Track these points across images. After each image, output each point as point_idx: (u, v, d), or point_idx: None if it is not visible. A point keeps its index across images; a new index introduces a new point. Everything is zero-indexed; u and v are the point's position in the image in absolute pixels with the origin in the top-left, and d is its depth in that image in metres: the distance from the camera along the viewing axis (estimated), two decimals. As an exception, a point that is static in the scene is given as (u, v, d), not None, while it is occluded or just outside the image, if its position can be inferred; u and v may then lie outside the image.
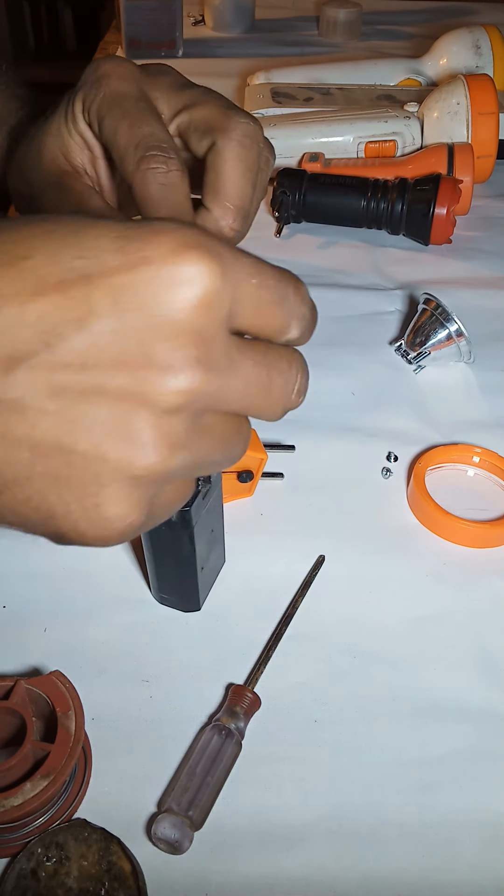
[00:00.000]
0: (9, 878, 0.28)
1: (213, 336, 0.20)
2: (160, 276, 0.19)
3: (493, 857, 0.30)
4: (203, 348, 0.20)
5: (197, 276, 0.19)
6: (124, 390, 0.19)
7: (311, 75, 0.86)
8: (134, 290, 0.19)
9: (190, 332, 0.20)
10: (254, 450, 0.42)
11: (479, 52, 0.81)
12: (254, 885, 0.29)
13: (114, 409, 0.20)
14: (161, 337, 0.19)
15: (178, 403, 0.20)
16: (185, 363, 0.20)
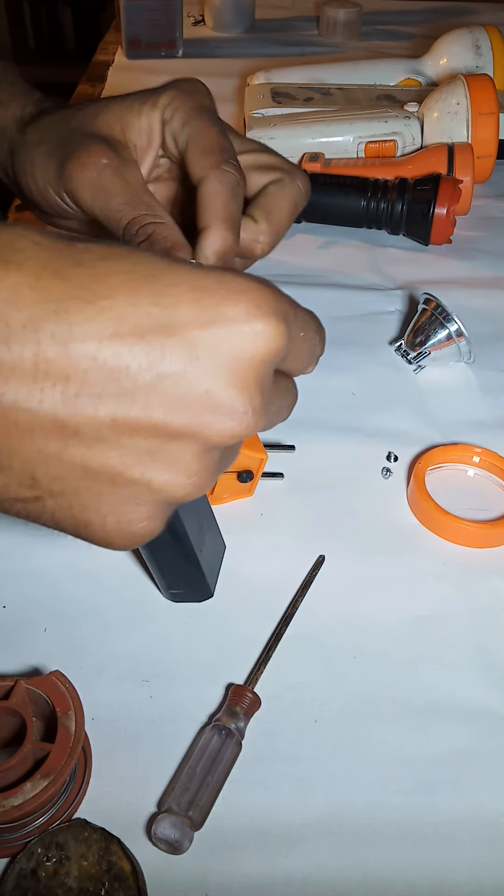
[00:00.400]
0: (9, 878, 0.28)
1: (268, 383, 0.22)
2: (235, 334, 0.21)
3: (492, 857, 0.30)
4: (259, 397, 0.22)
5: (268, 337, 0.21)
6: (182, 430, 0.21)
7: (311, 75, 0.86)
8: (209, 344, 0.21)
9: (253, 383, 0.21)
10: (253, 450, 0.42)
11: (479, 52, 0.81)
12: (254, 885, 0.29)
13: (168, 444, 0.22)
14: (226, 386, 0.21)
15: (228, 443, 0.22)
16: (244, 411, 0.22)
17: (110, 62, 0.98)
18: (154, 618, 0.37)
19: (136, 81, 0.77)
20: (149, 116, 0.37)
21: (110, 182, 0.35)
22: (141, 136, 0.38)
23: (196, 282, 0.21)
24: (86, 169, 0.36)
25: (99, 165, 0.35)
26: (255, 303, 0.21)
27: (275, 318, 0.21)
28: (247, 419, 0.22)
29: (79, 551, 0.40)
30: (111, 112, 0.38)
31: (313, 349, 0.25)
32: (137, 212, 0.34)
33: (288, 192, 0.38)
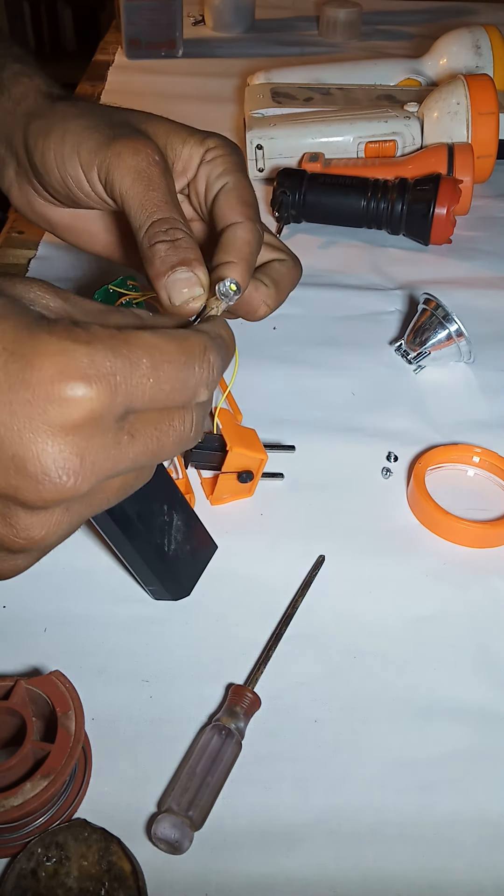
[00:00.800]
0: (9, 878, 0.28)
1: (96, 440, 0.23)
2: (34, 401, 0.22)
3: (492, 857, 0.30)
4: (76, 459, 0.23)
5: (73, 404, 0.22)
6: (0, 491, 0.23)
7: (311, 75, 0.86)
8: (10, 408, 0.22)
9: (69, 445, 0.22)
10: (254, 450, 0.42)
11: (479, 52, 0.81)
12: (254, 885, 0.29)
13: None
14: (34, 452, 0.22)
15: (49, 505, 0.23)
16: (57, 475, 0.23)
17: (110, 62, 0.98)
18: (154, 618, 0.37)
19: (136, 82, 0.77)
20: (192, 148, 0.39)
21: (158, 177, 0.35)
22: (178, 162, 0.39)
23: (9, 343, 0.22)
24: (138, 154, 0.35)
25: (150, 158, 0.35)
26: (60, 368, 0.22)
27: (82, 383, 0.22)
28: (61, 482, 0.23)
29: (79, 552, 0.40)
30: (159, 126, 0.39)
31: (188, 384, 0.25)
32: (174, 214, 0.35)
33: (293, 271, 0.41)
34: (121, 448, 0.24)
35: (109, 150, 0.36)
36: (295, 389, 0.50)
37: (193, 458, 0.43)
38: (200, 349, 0.26)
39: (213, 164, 0.39)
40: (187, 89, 0.90)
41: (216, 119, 0.80)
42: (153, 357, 0.24)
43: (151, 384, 0.24)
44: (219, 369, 0.27)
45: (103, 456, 0.24)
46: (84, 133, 0.37)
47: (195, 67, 0.97)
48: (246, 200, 0.37)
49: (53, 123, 0.39)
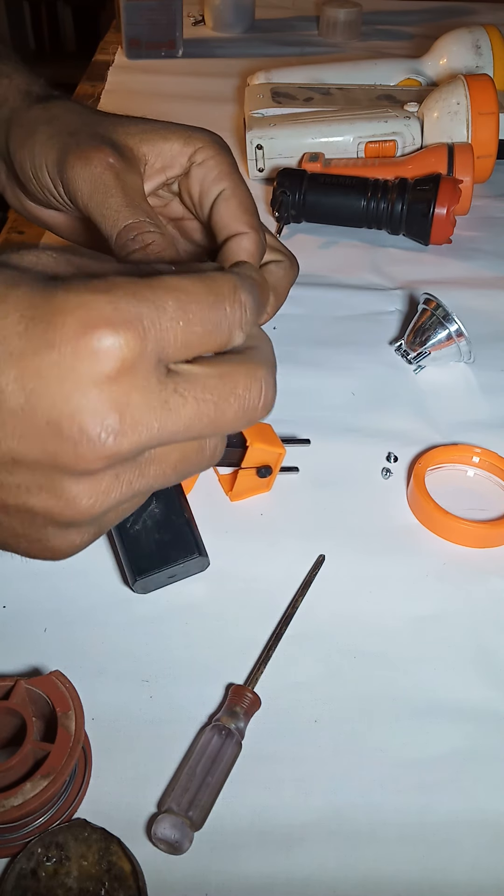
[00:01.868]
0: (9, 878, 0.28)
1: (134, 394, 0.21)
2: (63, 360, 0.20)
3: (493, 858, 0.30)
4: (117, 415, 0.21)
5: (103, 354, 0.20)
6: (40, 461, 0.21)
7: (311, 75, 0.86)
8: (39, 374, 0.20)
9: (103, 403, 0.21)
10: (272, 444, 0.42)
11: (479, 52, 0.81)
12: (254, 886, 0.29)
13: (35, 474, 0.22)
14: (68, 414, 0.21)
15: (93, 468, 0.22)
16: (95, 436, 0.21)
17: (110, 62, 0.98)
18: (154, 618, 0.37)
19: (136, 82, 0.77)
20: (174, 146, 0.38)
21: (112, 181, 0.35)
22: (158, 158, 0.38)
23: (26, 309, 0.21)
24: (89, 164, 0.35)
25: (104, 163, 0.35)
26: (83, 320, 0.20)
27: (110, 330, 0.20)
28: (100, 440, 0.21)
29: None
30: (134, 126, 0.38)
31: (221, 323, 0.23)
32: (137, 217, 0.34)
33: (290, 273, 0.41)
34: (168, 408, 0.22)
35: (65, 163, 0.36)
36: (295, 389, 0.50)
37: None
38: (230, 288, 0.24)
39: (205, 168, 0.38)
40: (187, 89, 0.90)
41: (216, 119, 0.80)
42: (179, 298, 0.22)
43: (182, 327, 0.22)
44: (252, 310, 0.24)
45: (147, 413, 0.22)
46: (48, 143, 0.37)
47: (195, 67, 0.97)
48: (247, 208, 0.37)
49: (27, 133, 0.39)
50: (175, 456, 0.24)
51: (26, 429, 0.21)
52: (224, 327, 0.23)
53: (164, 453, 0.24)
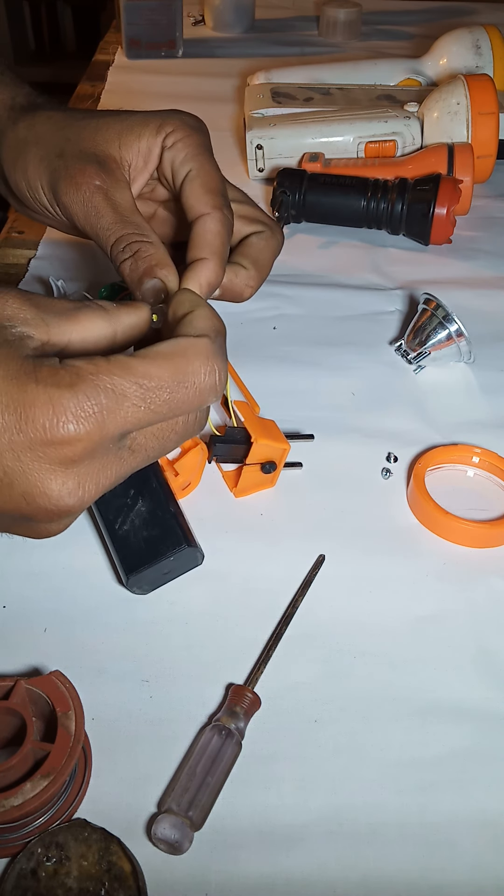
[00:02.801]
0: (9, 878, 0.28)
1: (94, 466, 0.26)
2: (32, 446, 0.25)
3: (493, 857, 0.30)
4: (80, 487, 0.26)
5: (69, 441, 0.25)
6: (17, 517, 0.27)
7: (311, 75, 0.86)
8: (13, 454, 0.25)
9: (67, 481, 0.26)
10: (276, 440, 0.42)
11: (479, 52, 0.81)
12: (254, 886, 0.29)
13: (14, 521, 0.27)
14: (40, 490, 0.26)
15: (59, 521, 0.28)
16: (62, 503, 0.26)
17: (110, 62, 0.98)
18: (154, 618, 0.37)
19: (137, 81, 0.77)
20: (149, 140, 0.39)
21: (101, 203, 0.37)
22: (138, 157, 0.39)
23: (2, 395, 0.25)
24: (79, 189, 0.37)
25: (91, 187, 0.37)
26: (49, 416, 0.25)
27: (71, 424, 0.25)
28: (66, 505, 0.26)
29: (78, 552, 0.40)
30: (111, 130, 0.39)
31: (186, 401, 0.27)
32: (125, 231, 0.36)
33: (271, 244, 0.41)
34: (122, 463, 0.27)
35: (58, 191, 0.38)
36: (294, 389, 0.50)
37: (217, 453, 0.43)
38: (201, 362, 0.27)
39: (174, 150, 0.38)
40: (187, 89, 0.90)
41: (216, 119, 0.80)
42: (142, 385, 0.26)
43: (143, 410, 0.26)
44: (223, 370, 0.28)
45: (104, 475, 0.27)
46: (40, 166, 0.39)
47: (195, 67, 0.97)
48: (210, 187, 0.37)
49: (17, 154, 0.40)
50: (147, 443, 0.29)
51: (4, 496, 0.26)
52: (193, 400, 0.27)
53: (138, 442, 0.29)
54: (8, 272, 0.61)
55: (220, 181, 0.38)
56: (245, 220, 0.42)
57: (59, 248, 0.64)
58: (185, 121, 0.39)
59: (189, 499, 0.43)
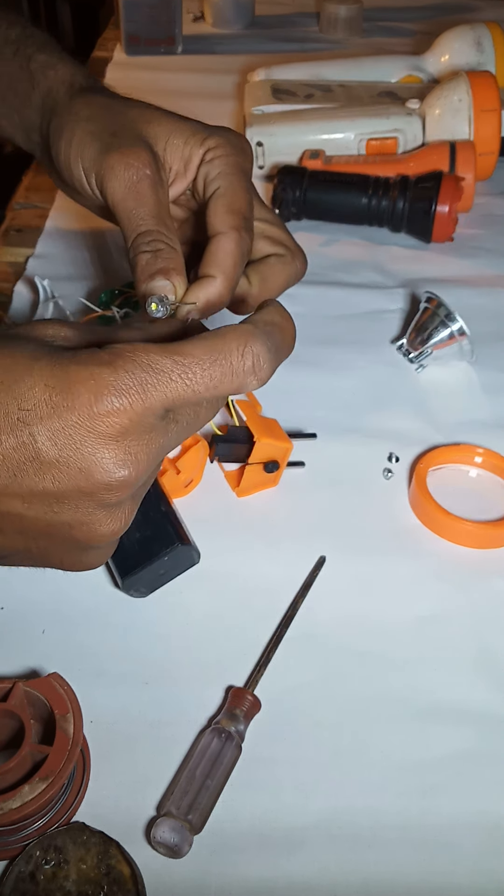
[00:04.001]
0: (7, 882, 0.28)
1: (144, 439, 0.27)
2: (82, 422, 0.26)
3: (494, 861, 0.30)
4: (134, 456, 0.27)
5: (113, 416, 0.26)
6: (78, 499, 0.27)
7: (311, 72, 0.86)
8: (65, 433, 0.26)
9: (119, 452, 0.27)
10: (279, 439, 0.42)
11: (481, 48, 0.80)
12: (254, 889, 0.29)
13: (75, 509, 0.27)
14: (96, 462, 0.26)
15: (123, 497, 0.27)
16: (116, 472, 0.27)
17: (109, 59, 0.98)
18: (154, 619, 0.37)
19: (135, 78, 0.77)
20: (192, 148, 0.39)
21: (147, 191, 0.37)
22: (179, 163, 0.39)
23: (48, 380, 0.26)
24: (129, 168, 0.37)
25: (141, 171, 0.37)
26: (93, 390, 0.26)
27: (113, 397, 0.26)
28: (123, 476, 0.27)
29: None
30: (162, 127, 0.39)
31: (228, 378, 0.28)
32: (157, 227, 0.36)
33: (287, 268, 0.41)
34: (168, 435, 0.28)
35: (104, 162, 0.37)
36: (295, 389, 0.50)
37: (219, 452, 0.43)
38: (238, 344, 0.28)
39: (210, 166, 0.39)
40: (187, 86, 0.90)
41: (216, 116, 0.79)
42: (177, 361, 0.27)
43: (183, 386, 0.27)
44: (266, 357, 0.28)
45: (153, 446, 0.27)
46: (87, 139, 0.38)
47: (195, 64, 0.97)
48: (234, 208, 0.37)
49: (65, 125, 0.40)
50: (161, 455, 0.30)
51: (63, 475, 0.27)
52: (230, 378, 0.28)
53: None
54: (6, 270, 0.61)
55: (246, 204, 0.38)
56: (270, 241, 0.42)
57: (58, 246, 0.63)
58: (230, 139, 0.39)
59: (189, 499, 0.43)
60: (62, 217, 0.67)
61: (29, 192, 0.72)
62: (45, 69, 0.44)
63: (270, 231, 0.42)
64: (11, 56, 0.45)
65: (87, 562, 0.30)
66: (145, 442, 0.27)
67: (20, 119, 0.46)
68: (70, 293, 0.56)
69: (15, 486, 0.27)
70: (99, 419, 0.26)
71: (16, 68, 0.45)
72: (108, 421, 0.26)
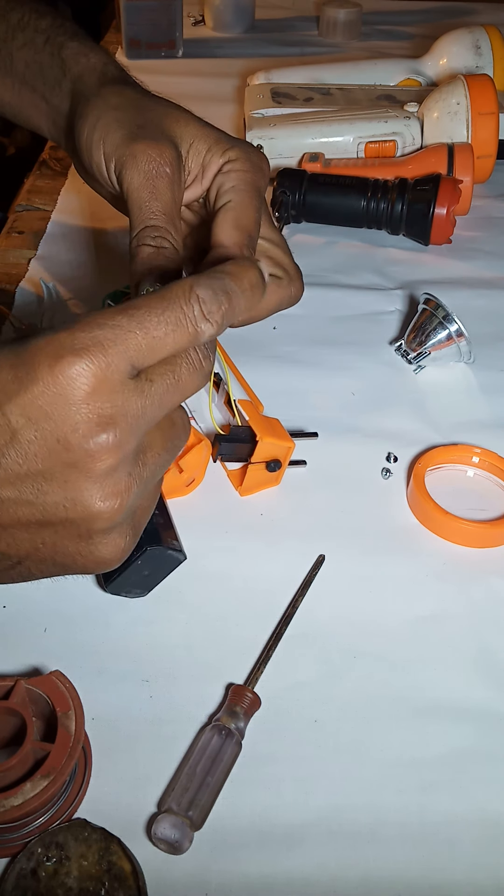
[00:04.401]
0: (9, 878, 0.28)
1: (116, 397, 0.26)
2: (48, 389, 0.25)
3: (493, 857, 0.30)
4: (110, 418, 0.26)
5: (75, 376, 0.25)
6: (64, 474, 0.26)
7: (311, 75, 0.86)
8: (35, 404, 0.25)
9: (95, 411, 0.25)
10: (281, 438, 0.42)
11: (479, 52, 0.81)
12: (254, 885, 0.29)
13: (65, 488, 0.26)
14: (71, 428, 0.25)
15: (110, 465, 0.26)
16: (99, 437, 0.26)
17: (110, 62, 0.98)
18: (154, 618, 0.37)
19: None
20: (213, 157, 0.39)
21: (164, 187, 0.37)
22: (198, 168, 0.39)
23: (12, 359, 0.26)
24: (150, 161, 0.37)
25: (162, 167, 0.37)
26: (53, 354, 0.25)
27: (75, 356, 0.25)
28: (101, 437, 0.26)
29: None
30: (188, 129, 0.39)
31: (182, 326, 0.27)
32: (167, 225, 0.36)
33: (281, 291, 0.41)
34: (144, 393, 0.27)
35: (128, 148, 0.37)
36: (295, 389, 0.50)
37: (222, 452, 0.43)
38: (183, 290, 0.27)
39: (226, 177, 0.39)
40: (187, 89, 0.90)
41: (216, 119, 0.80)
42: (130, 314, 0.26)
43: (141, 335, 0.26)
44: (213, 300, 0.27)
45: (131, 407, 0.26)
46: (113, 125, 0.38)
47: (195, 67, 0.97)
48: (241, 224, 0.37)
49: (92, 109, 0.40)
50: (159, 438, 0.29)
51: (43, 450, 0.26)
52: (185, 324, 0.27)
53: (151, 438, 0.28)
54: (9, 272, 0.61)
55: (253, 223, 0.38)
56: (271, 261, 0.42)
57: (60, 248, 0.64)
58: (250, 156, 0.39)
59: (190, 499, 0.43)
60: (64, 219, 0.67)
61: (31, 194, 0.72)
62: (77, 56, 0.44)
63: (273, 251, 0.42)
64: (42, 45, 0.46)
65: (101, 554, 0.28)
66: (120, 403, 0.26)
67: (48, 107, 0.46)
68: (71, 294, 0.56)
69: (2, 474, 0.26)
70: (64, 383, 0.25)
71: (46, 56, 0.45)
72: (74, 384, 0.25)
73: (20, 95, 0.48)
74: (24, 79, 0.47)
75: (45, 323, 0.53)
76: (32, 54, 0.46)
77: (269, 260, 0.42)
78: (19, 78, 0.47)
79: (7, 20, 0.48)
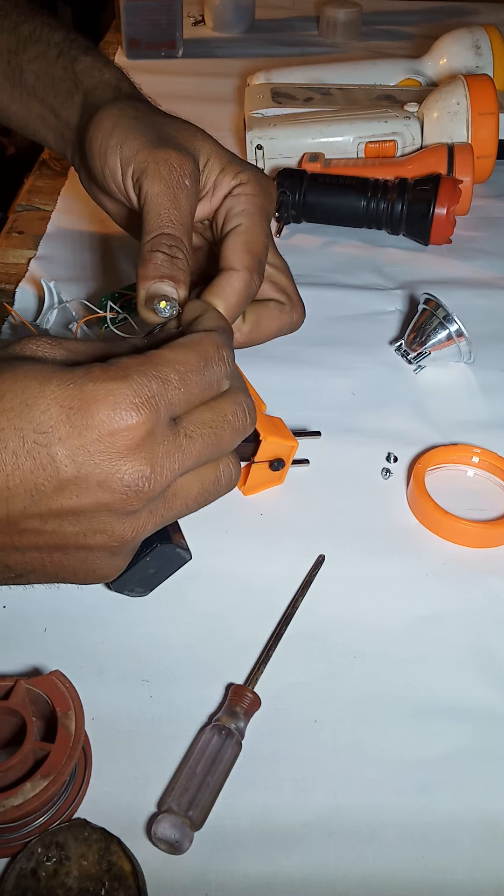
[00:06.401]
0: (9, 878, 0.28)
1: (157, 449, 0.28)
2: (101, 441, 0.27)
3: (492, 857, 0.30)
4: (150, 468, 0.28)
5: (128, 431, 0.27)
6: (93, 508, 0.28)
7: (311, 75, 0.86)
8: (85, 450, 0.27)
9: (137, 460, 0.28)
10: (284, 438, 0.42)
11: (479, 52, 0.81)
12: (254, 885, 0.29)
13: (91, 521, 0.28)
14: (115, 476, 0.27)
15: (136, 508, 0.28)
16: (135, 484, 0.28)
17: (110, 62, 0.98)
18: (154, 618, 0.37)
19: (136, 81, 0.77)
20: (225, 177, 0.39)
21: (183, 199, 0.37)
22: (210, 186, 0.40)
23: (64, 401, 0.27)
24: (173, 171, 0.37)
25: (182, 180, 0.37)
26: (111, 407, 0.27)
27: (129, 411, 0.27)
28: (139, 487, 0.28)
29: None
30: (205, 146, 0.40)
31: (212, 382, 0.30)
32: (183, 237, 0.36)
33: (283, 317, 0.42)
34: (182, 449, 0.29)
35: (151, 154, 0.37)
36: (294, 389, 0.50)
37: None
38: (214, 349, 0.30)
39: (236, 200, 0.39)
40: (187, 89, 0.90)
41: (216, 119, 0.80)
42: (179, 371, 0.29)
43: (183, 392, 0.29)
44: (231, 359, 0.31)
45: (169, 458, 0.28)
46: (132, 132, 0.39)
47: (195, 67, 0.97)
48: (252, 248, 0.38)
49: (108, 115, 0.40)
50: (196, 487, 0.31)
51: (81, 490, 0.27)
52: (214, 382, 0.30)
53: (188, 485, 0.31)
54: (8, 272, 0.61)
55: (263, 248, 0.39)
56: (274, 286, 0.42)
57: (60, 248, 0.64)
58: (259, 181, 0.40)
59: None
60: (64, 219, 0.67)
61: (31, 194, 0.72)
62: (90, 70, 0.44)
63: (277, 277, 0.42)
64: (55, 58, 0.46)
65: (101, 573, 0.31)
66: (160, 452, 0.28)
67: (56, 119, 0.46)
68: (71, 294, 0.56)
69: (34, 508, 0.28)
70: (118, 434, 0.27)
71: (59, 69, 0.45)
72: (125, 436, 0.27)
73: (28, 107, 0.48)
74: (33, 91, 0.47)
75: (46, 323, 0.53)
76: (44, 67, 0.46)
77: (274, 285, 0.42)
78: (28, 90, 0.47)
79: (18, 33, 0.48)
